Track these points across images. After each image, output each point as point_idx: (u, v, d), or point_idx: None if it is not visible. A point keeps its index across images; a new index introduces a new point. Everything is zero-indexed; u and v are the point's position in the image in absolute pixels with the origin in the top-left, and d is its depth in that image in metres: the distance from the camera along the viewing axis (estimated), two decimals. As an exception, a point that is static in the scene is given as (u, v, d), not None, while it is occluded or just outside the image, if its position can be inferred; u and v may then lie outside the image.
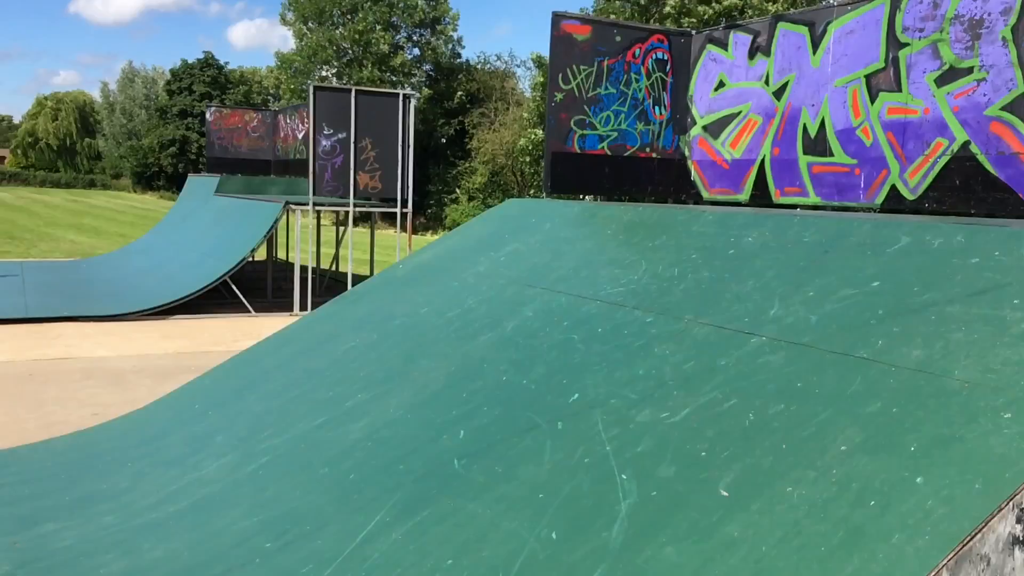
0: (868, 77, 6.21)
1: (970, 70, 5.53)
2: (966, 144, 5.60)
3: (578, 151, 7.70)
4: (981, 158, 5.56)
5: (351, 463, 4.09)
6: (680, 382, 3.54)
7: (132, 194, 68.65)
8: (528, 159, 30.67)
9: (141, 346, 9.97)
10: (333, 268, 17.89)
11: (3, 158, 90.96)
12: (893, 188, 6.06)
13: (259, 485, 4.23)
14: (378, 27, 45.62)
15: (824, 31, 6.62)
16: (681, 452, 3.07)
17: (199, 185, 19.84)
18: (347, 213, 14.04)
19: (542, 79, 31.67)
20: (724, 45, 7.69)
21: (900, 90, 5.97)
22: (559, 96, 7.58)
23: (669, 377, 3.62)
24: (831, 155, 6.51)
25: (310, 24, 47.88)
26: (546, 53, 8.19)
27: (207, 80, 63.10)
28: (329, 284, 16.39)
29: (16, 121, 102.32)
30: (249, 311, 12.93)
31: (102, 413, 6.73)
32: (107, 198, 59.88)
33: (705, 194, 7.94)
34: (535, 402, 3.95)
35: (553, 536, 2.91)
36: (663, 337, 3.98)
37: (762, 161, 7.20)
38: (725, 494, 2.75)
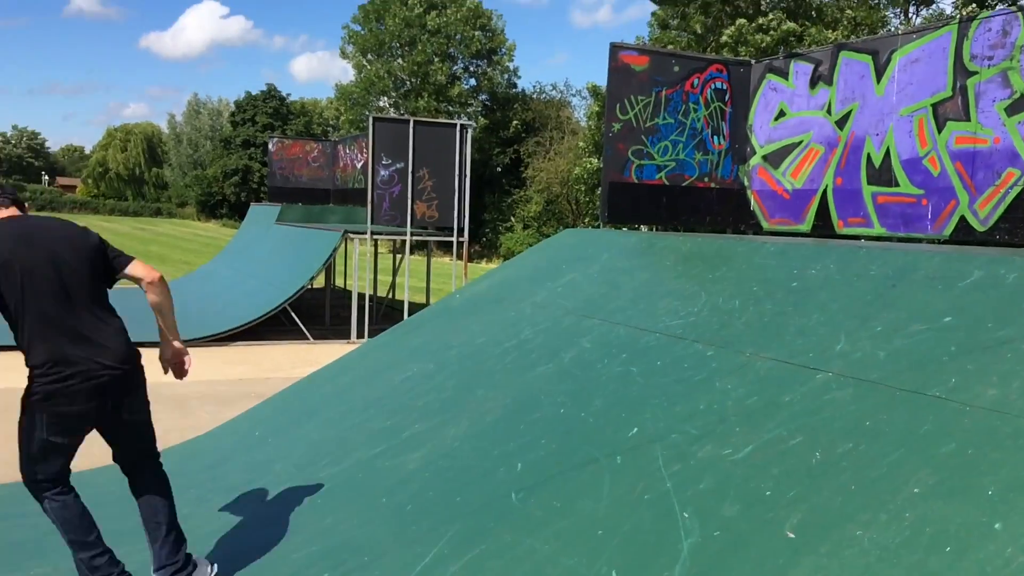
0: (935, 106, 6.08)
1: (1043, 98, 5.38)
2: (1039, 174, 5.44)
3: (635, 181, 7.68)
4: (1055, 188, 5.39)
5: (408, 494, 4.08)
6: (743, 418, 3.47)
7: (196, 222, 70.55)
8: (583, 188, 30.69)
9: (203, 372, 10.16)
10: (390, 296, 18.07)
11: (75, 187, 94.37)
12: (962, 219, 5.90)
13: (317, 514, 4.25)
14: (436, 59, 46.34)
15: (888, 59, 6.50)
16: (745, 490, 3.00)
17: (260, 214, 20.28)
18: (404, 241, 14.20)
19: (597, 108, 31.76)
20: (785, 74, 7.61)
21: (968, 119, 5.82)
22: (617, 126, 7.58)
23: (731, 412, 3.55)
24: (897, 185, 6.37)
25: (369, 56, 48.87)
26: (601, 82, 8.21)
27: (269, 111, 64.75)
28: (386, 312, 16.55)
29: (87, 152, 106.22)
30: (308, 338, 13.11)
31: (165, 438, 6.84)
32: (172, 226, 61.63)
33: (765, 224, 7.83)
34: (593, 435, 3.91)
35: (613, 574, 2.85)
36: (724, 371, 3.91)
37: (824, 191, 7.08)
38: (791, 535, 2.68)
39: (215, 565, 3.75)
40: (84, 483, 5.72)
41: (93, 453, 6.52)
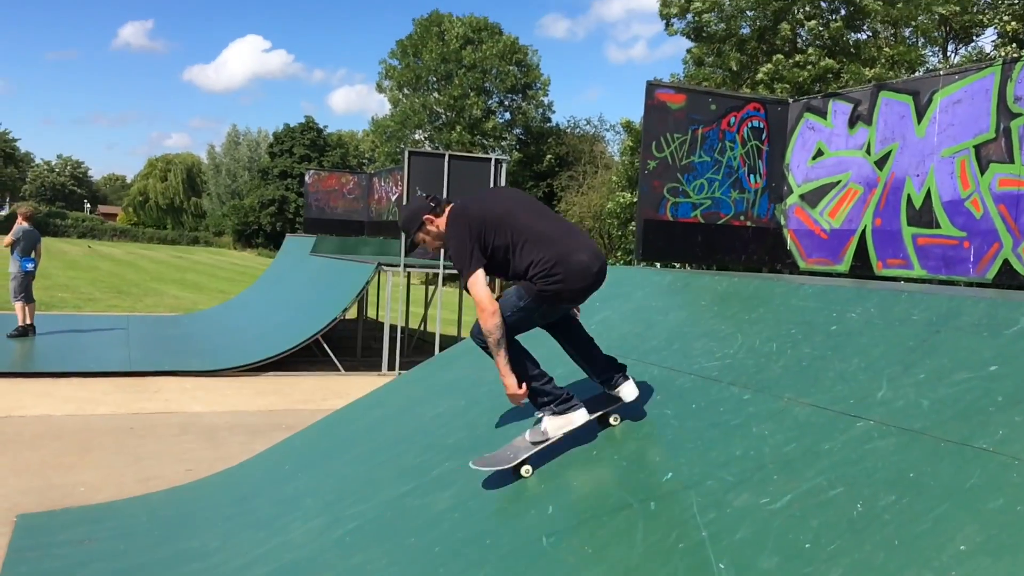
0: (977, 148, 5.99)
1: (1090, 141, 5.27)
2: (1086, 218, 5.31)
3: (671, 219, 7.64)
4: (1103, 233, 5.26)
5: (437, 534, 4.03)
6: (780, 465, 3.39)
7: (232, 251, 71.54)
8: (616, 222, 30.63)
9: (235, 402, 10.22)
10: (422, 328, 18.10)
11: (115, 215, 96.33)
12: (1006, 263, 5.78)
13: (345, 552, 4.21)
14: (471, 93, 46.83)
15: (930, 100, 6.43)
16: (783, 542, 2.91)
17: (296, 245, 20.50)
18: (436, 274, 14.23)
19: (631, 143, 31.82)
20: (823, 114, 7.56)
21: (1012, 161, 5.72)
22: (652, 164, 7.57)
23: (768, 459, 3.47)
24: (938, 227, 6.27)
25: (405, 91, 49.52)
26: (635, 117, 8.23)
27: (307, 143, 65.78)
28: (417, 344, 16.56)
29: (129, 181, 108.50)
30: (339, 369, 13.14)
31: (196, 469, 6.88)
32: (208, 254, 62.54)
33: (802, 264, 7.73)
34: (627, 479, 3.84)
35: (646, 626, 2.78)
36: (761, 416, 3.83)
37: (863, 231, 6.99)
38: (832, 592, 2.59)
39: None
40: (114, 512, 5.75)
41: (124, 483, 6.57)
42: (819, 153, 7.57)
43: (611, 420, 4.35)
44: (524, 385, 4.15)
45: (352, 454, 5.62)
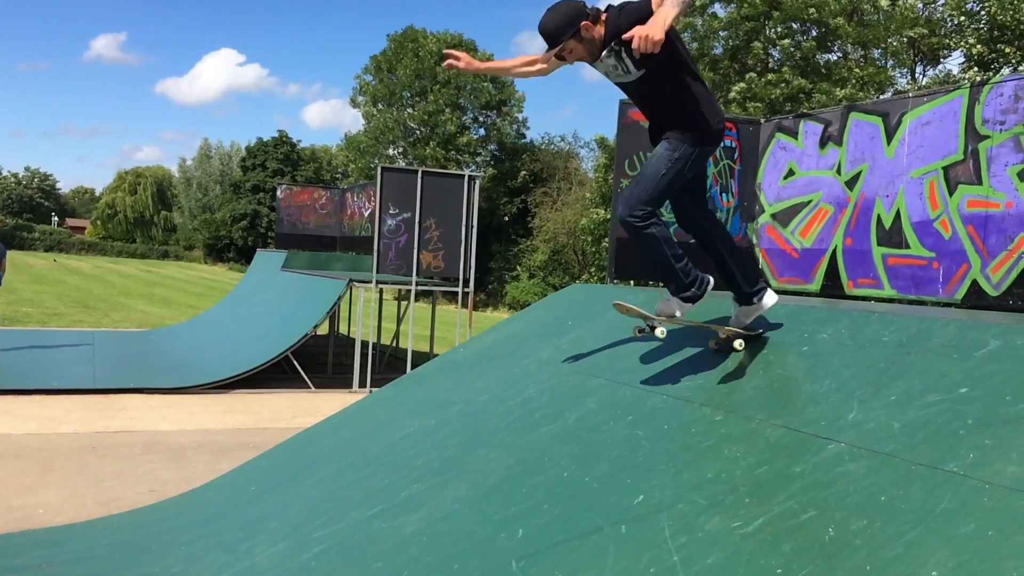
0: (946, 169, 6.05)
1: (1056, 164, 5.34)
2: (1053, 240, 5.37)
3: (643, 237, 7.62)
4: (1069, 254, 5.32)
5: (405, 558, 3.95)
6: (752, 488, 3.35)
7: (203, 265, 70.87)
8: (589, 238, 30.73)
9: (202, 420, 10.05)
10: (394, 344, 17.98)
11: (84, 228, 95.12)
12: (974, 283, 5.83)
13: (311, 577, 4.11)
14: (446, 109, 46.88)
15: (899, 122, 6.50)
16: (755, 567, 2.87)
17: (267, 260, 20.32)
18: (409, 290, 14.15)
19: (605, 160, 32.00)
20: (794, 134, 7.61)
21: (980, 183, 5.79)
22: (625, 182, 7.56)
23: (740, 482, 3.43)
24: (907, 247, 6.32)
25: (379, 106, 49.47)
26: (609, 134, 8.23)
27: (280, 157, 65.45)
28: (389, 360, 16.43)
29: (98, 194, 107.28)
30: (309, 387, 12.99)
31: (160, 490, 6.73)
32: (178, 268, 61.89)
33: (773, 283, 7.76)
34: (598, 502, 3.78)
35: (617, 655, 2.72)
36: (733, 437, 3.81)
37: (834, 251, 7.03)
38: (805, 619, 2.55)
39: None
40: (73, 535, 5.60)
41: (85, 505, 6.40)
42: (790, 173, 7.62)
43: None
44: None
45: (320, 475, 5.52)
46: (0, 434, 8.72)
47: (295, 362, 13.00)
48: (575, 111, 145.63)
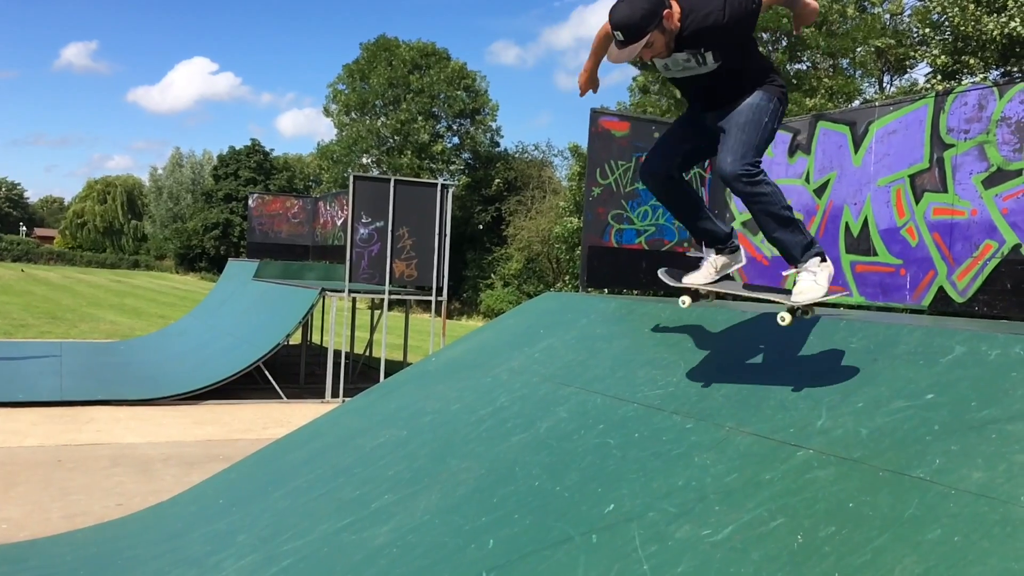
0: (912, 177, 6.12)
1: (1019, 172, 5.41)
2: (1017, 247, 5.44)
3: (615, 245, 7.65)
4: (1033, 261, 5.39)
5: (374, 571, 3.91)
6: (722, 496, 3.35)
7: (174, 275, 70.11)
8: (563, 247, 30.83)
9: (171, 432, 9.91)
10: (367, 353, 17.88)
11: (52, 238, 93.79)
12: (941, 290, 5.89)
13: (279, 591, 4.05)
14: (419, 117, 46.84)
15: (866, 130, 6.57)
16: (725, 575, 2.87)
17: (238, 269, 20.14)
18: (383, 299, 14.09)
19: (579, 168, 32.13)
20: (763, 142, 7.67)
21: (946, 191, 5.86)
22: (596, 191, 7.59)
23: (710, 490, 3.43)
24: (875, 255, 6.38)
25: (352, 115, 49.32)
26: (583, 143, 8.25)
27: (252, 166, 65.00)
28: (362, 370, 16.33)
29: (67, 203, 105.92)
30: (281, 397, 12.88)
31: (127, 504, 6.62)
32: (149, 278, 61.18)
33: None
34: (568, 511, 3.77)
35: (586, 667, 2.70)
36: (704, 445, 3.81)
37: (803, 259, 7.07)
38: (774, 628, 2.55)
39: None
40: (37, 551, 5.49)
41: (50, 519, 6.28)
42: (760, 181, 7.67)
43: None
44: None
45: (289, 487, 5.45)
46: (-37, 448, 8.55)
47: (267, 372, 12.88)
48: (550, 120, 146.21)
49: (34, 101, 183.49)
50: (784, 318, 3.79)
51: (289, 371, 14.68)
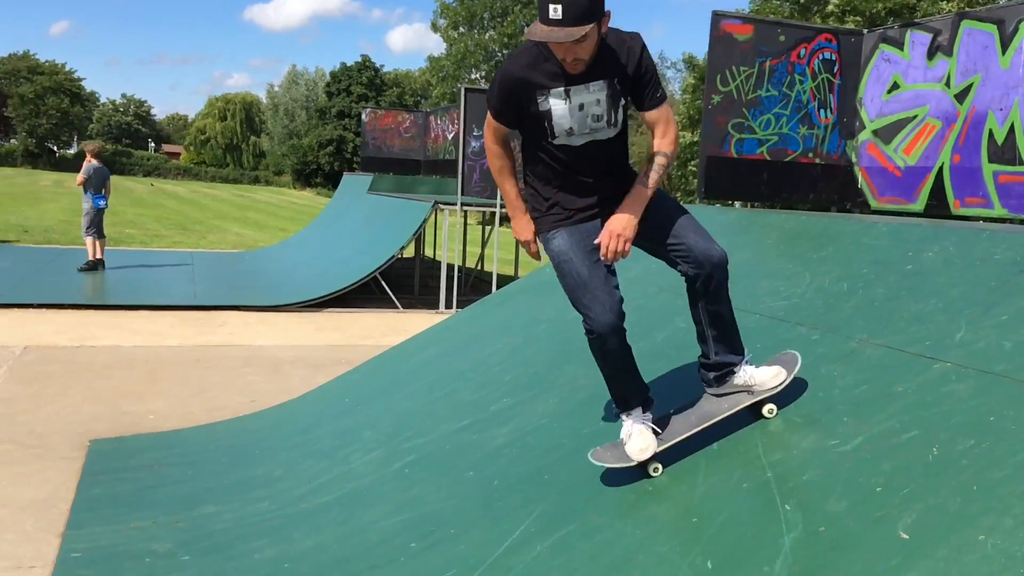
0: (1070, 78, 5.63)
1: None
2: None
3: (735, 156, 7.40)
4: None
5: (495, 469, 4.03)
6: (850, 407, 3.28)
7: (292, 190, 72.37)
8: (676, 162, 30.09)
9: (296, 337, 10.39)
10: (479, 267, 18.11)
11: (179, 154, 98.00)
12: (1095, 201, 5.47)
13: (404, 484, 4.25)
14: (527, 29, 45.97)
15: (1016, 29, 6.05)
16: (853, 485, 2.82)
17: (353, 183, 20.58)
18: (493, 213, 14.16)
19: (693, 80, 31.01)
20: (900, 45, 7.18)
21: (1109, 93, 5.37)
22: (716, 98, 7.31)
23: (838, 401, 3.36)
24: (1021, 164, 5.95)
25: (460, 29, 48.81)
26: (698, 53, 7.93)
27: (364, 82, 65.70)
28: (474, 283, 16.59)
29: (191, 120, 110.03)
30: (397, 307, 13.25)
31: (259, 401, 7.02)
32: (269, 193, 63.37)
33: (873, 203, 7.45)
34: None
35: (708, 565, 2.73)
36: (831, 357, 3.71)
37: (940, 169, 6.68)
38: (905, 536, 2.50)
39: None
40: (181, 440, 5.90)
41: (192, 412, 6.74)
42: (895, 86, 7.22)
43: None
44: None
45: (409, 389, 5.65)
46: (111, 346, 9.20)
47: (383, 283, 13.24)
48: (663, 30, 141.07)
49: (157, 21, 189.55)
50: (772, 410, 3.45)
51: (403, 283, 15.05)
